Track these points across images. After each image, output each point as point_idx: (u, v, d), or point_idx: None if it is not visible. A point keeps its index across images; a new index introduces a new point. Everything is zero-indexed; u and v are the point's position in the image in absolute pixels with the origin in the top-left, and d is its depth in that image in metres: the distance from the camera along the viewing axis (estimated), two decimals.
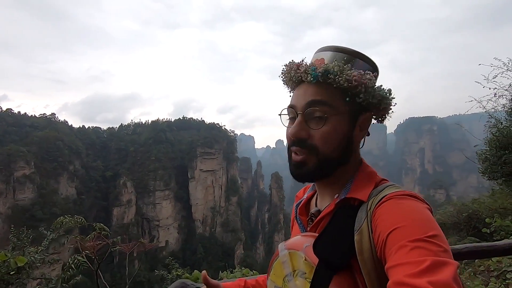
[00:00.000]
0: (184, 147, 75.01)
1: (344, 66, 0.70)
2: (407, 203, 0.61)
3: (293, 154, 0.75)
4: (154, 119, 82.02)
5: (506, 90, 5.46)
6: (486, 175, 5.55)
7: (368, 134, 0.79)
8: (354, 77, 0.69)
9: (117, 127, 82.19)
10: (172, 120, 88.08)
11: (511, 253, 1.63)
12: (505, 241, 1.70)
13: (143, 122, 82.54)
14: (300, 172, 0.74)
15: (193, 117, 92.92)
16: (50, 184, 54.61)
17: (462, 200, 9.86)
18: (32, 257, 2.28)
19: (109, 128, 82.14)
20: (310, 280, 0.64)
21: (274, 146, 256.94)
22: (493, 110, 5.61)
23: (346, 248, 0.64)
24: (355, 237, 0.64)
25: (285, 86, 0.85)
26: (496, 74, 5.27)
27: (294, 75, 0.76)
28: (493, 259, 3.14)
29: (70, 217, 2.98)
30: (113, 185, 63.82)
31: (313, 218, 0.79)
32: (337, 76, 0.70)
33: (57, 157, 56.49)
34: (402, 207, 0.60)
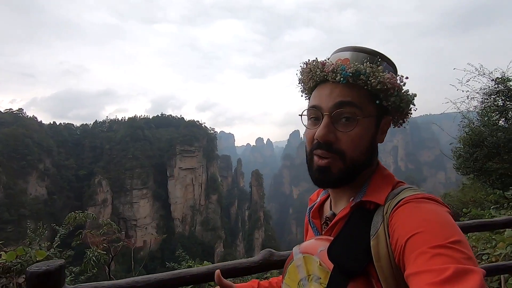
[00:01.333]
0: (162, 145, 73.50)
1: (378, 68, 0.68)
2: (427, 206, 0.58)
3: (316, 158, 0.71)
4: (131, 116, 79.42)
5: (477, 93, 5.98)
6: (460, 170, 6.02)
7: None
8: (389, 80, 0.67)
9: (91, 124, 78.75)
10: (150, 117, 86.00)
11: (508, 227, 2.05)
12: (504, 217, 2.12)
13: (119, 119, 79.91)
14: (324, 177, 0.70)
15: (172, 114, 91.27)
16: (18, 184, 51.46)
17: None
18: (50, 253, 2.28)
19: (82, 125, 78.49)
20: (325, 286, 0.63)
21: (254, 144, 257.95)
22: (466, 111, 6.11)
23: (362, 254, 0.62)
24: (371, 242, 0.61)
25: (301, 85, 0.82)
26: (469, 78, 5.77)
27: (319, 74, 0.72)
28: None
29: (81, 212, 2.96)
30: (87, 185, 61.32)
31: (328, 221, 0.76)
32: (370, 78, 0.67)
33: (25, 155, 53.28)
34: (421, 211, 0.57)
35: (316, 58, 0.77)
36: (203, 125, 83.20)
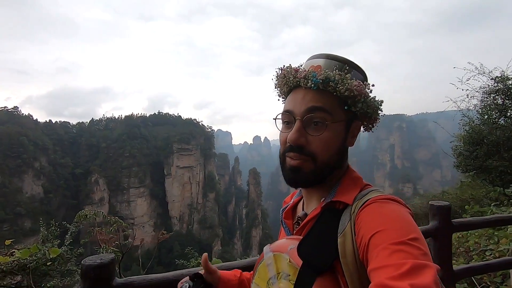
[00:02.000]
0: (159, 143, 73.25)
1: (346, 76, 0.72)
2: (389, 206, 0.63)
3: (288, 159, 0.75)
4: (127, 114, 79.15)
5: (477, 91, 6.05)
6: (460, 168, 6.09)
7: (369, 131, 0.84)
8: (356, 87, 0.71)
9: (88, 122, 78.22)
10: (147, 115, 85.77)
11: None
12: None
13: (116, 117, 79.29)
14: (296, 176, 0.74)
15: (169, 113, 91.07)
16: (14, 183, 51.08)
17: (428, 193, 10.72)
18: (63, 251, 2.29)
19: (78, 123, 77.84)
20: (294, 282, 0.65)
21: (251, 142, 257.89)
22: (466, 109, 6.18)
23: (329, 251, 0.65)
24: (338, 240, 0.65)
25: (277, 89, 0.85)
26: (469, 77, 5.82)
27: (292, 80, 0.76)
28: (470, 241, 3.55)
29: (90, 210, 2.97)
30: (84, 183, 60.96)
31: (300, 221, 0.80)
32: (338, 85, 0.71)
33: (21, 153, 52.83)
34: (384, 211, 0.61)
35: (290, 64, 0.80)
36: (200, 123, 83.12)
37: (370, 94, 0.75)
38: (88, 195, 59.64)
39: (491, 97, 5.95)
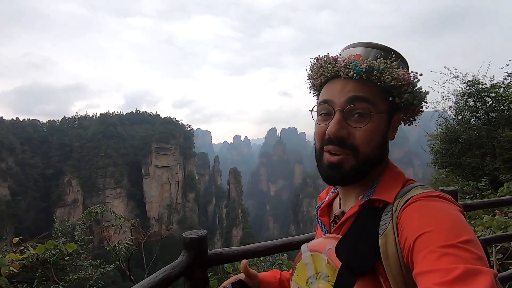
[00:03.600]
0: (137, 142, 71.23)
1: (392, 64, 0.67)
2: (436, 205, 0.58)
3: (326, 154, 0.70)
4: (103, 112, 75.97)
5: (451, 94, 6.58)
6: (438, 164, 6.60)
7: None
8: (403, 76, 0.67)
9: (59, 120, 74.26)
10: (124, 113, 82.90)
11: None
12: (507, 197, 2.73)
13: (90, 115, 76.01)
14: (335, 174, 0.69)
15: (147, 111, 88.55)
16: None
17: None
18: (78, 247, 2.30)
19: (49, 121, 73.77)
20: (333, 284, 0.63)
21: (232, 142, 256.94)
22: (442, 110, 6.71)
23: (369, 252, 0.61)
24: (379, 241, 0.61)
25: (310, 81, 0.80)
26: (445, 81, 6.34)
27: (331, 70, 0.71)
28: None
29: (100, 206, 2.97)
30: (56, 184, 58.00)
31: (337, 220, 0.76)
32: (384, 74, 0.66)
33: None
34: (431, 210, 0.56)
35: (328, 53, 0.75)
36: (179, 122, 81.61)
37: (417, 84, 0.70)
38: (60, 196, 56.83)
39: (464, 99, 6.49)
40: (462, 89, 6.48)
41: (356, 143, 0.67)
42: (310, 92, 0.82)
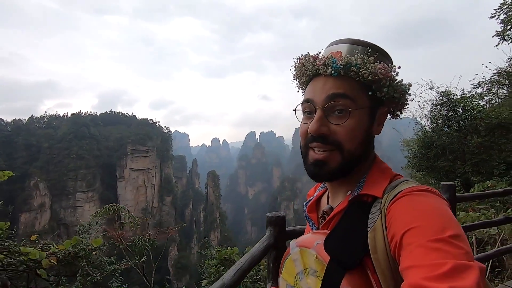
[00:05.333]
0: (112, 143, 68.61)
1: (369, 59, 0.68)
2: (424, 199, 0.57)
3: (311, 152, 0.71)
4: (74, 112, 72.49)
5: (427, 103, 7.23)
6: (415, 168, 7.18)
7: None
8: (380, 70, 0.67)
9: (26, 119, 69.80)
10: (98, 113, 79.63)
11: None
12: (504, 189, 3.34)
13: (61, 115, 72.22)
14: (320, 171, 0.70)
15: (123, 112, 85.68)
16: None
17: None
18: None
19: (14, 120, 69.03)
20: (322, 278, 0.63)
21: (210, 144, 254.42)
22: (419, 118, 7.35)
23: (358, 246, 0.62)
24: (368, 235, 0.61)
25: (296, 80, 0.82)
26: (421, 91, 6.98)
27: (311, 68, 0.72)
28: None
29: (114, 204, 3.04)
30: (21, 187, 54.30)
31: (325, 215, 0.77)
32: (361, 69, 0.67)
33: None
34: (419, 204, 0.56)
35: (308, 52, 0.77)
36: (157, 124, 79.79)
37: (396, 77, 0.70)
38: (25, 200, 53.28)
39: (438, 108, 7.15)
40: (436, 99, 7.14)
41: (339, 139, 0.67)
42: (298, 91, 0.83)
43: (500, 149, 6.24)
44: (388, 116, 0.77)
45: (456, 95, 6.93)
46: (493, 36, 6.52)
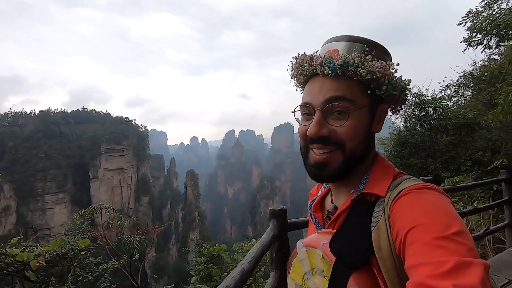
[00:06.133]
0: (84, 143, 65.64)
1: (367, 57, 0.66)
2: (427, 197, 0.58)
3: (312, 153, 0.71)
4: (43, 109, 68.49)
5: None
6: None
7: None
8: (378, 69, 0.66)
9: None
10: (69, 111, 75.77)
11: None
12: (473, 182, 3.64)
13: (28, 112, 68.03)
14: (321, 173, 0.70)
15: (96, 109, 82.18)
16: None
17: None
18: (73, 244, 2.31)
19: None
20: (328, 278, 0.64)
21: (188, 143, 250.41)
22: (394, 117, 7.75)
23: (363, 246, 0.62)
24: (372, 234, 0.61)
25: (293, 79, 0.81)
26: None
27: (308, 68, 0.71)
28: None
29: (103, 205, 2.95)
30: None
31: (330, 215, 0.77)
32: (359, 68, 0.66)
33: None
34: (422, 202, 0.56)
35: (304, 52, 0.75)
36: (133, 122, 77.34)
37: (395, 75, 0.69)
38: None
39: (411, 108, 7.58)
40: (410, 100, 7.54)
41: (340, 138, 0.67)
42: (296, 90, 0.81)
43: (466, 147, 6.74)
44: (389, 112, 0.77)
45: (428, 96, 7.38)
46: (460, 42, 7.00)
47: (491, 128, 7.10)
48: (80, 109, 78.95)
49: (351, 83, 0.67)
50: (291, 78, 0.81)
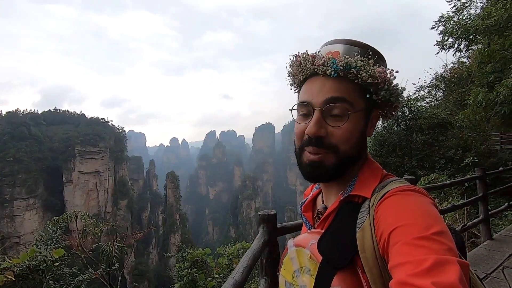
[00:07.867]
0: (56, 145, 62.46)
1: (369, 62, 0.68)
2: (410, 198, 0.59)
3: (306, 153, 0.72)
4: (11, 110, 64.54)
5: None
6: None
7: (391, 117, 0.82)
8: (379, 74, 0.68)
9: None
10: (39, 112, 71.85)
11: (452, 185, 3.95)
12: (451, 180, 3.73)
13: None
14: (316, 172, 0.71)
15: (69, 110, 78.38)
16: None
17: None
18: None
19: None
20: (315, 277, 0.65)
21: (168, 144, 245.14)
22: None
23: (348, 246, 0.63)
24: (357, 235, 0.63)
25: (290, 78, 0.81)
26: None
27: (309, 67, 0.72)
28: None
29: (79, 211, 2.76)
30: None
31: (320, 215, 0.79)
32: (361, 72, 0.67)
33: None
34: (405, 203, 0.58)
35: (306, 50, 0.76)
36: (109, 123, 74.64)
37: (393, 81, 0.71)
38: None
39: None
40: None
41: (335, 141, 0.68)
42: (291, 89, 0.82)
43: (440, 146, 7.07)
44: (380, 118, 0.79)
45: (403, 97, 7.65)
46: (433, 45, 7.32)
47: (462, 128, 7.50)
48: (52, 110, 74.97)
49: (351, 86, 0.68)
50: (288, 76, 0.81)
